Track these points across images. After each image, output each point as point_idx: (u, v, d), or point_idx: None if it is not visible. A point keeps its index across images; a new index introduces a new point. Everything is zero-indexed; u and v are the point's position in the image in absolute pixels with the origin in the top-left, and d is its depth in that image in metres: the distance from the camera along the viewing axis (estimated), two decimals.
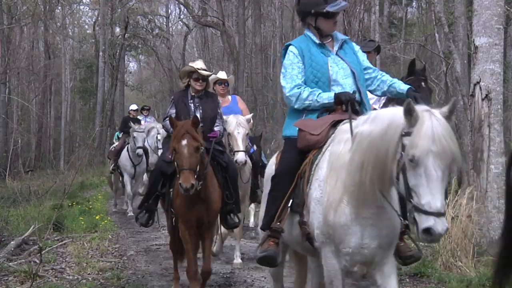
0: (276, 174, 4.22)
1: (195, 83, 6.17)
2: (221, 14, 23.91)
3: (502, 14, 7.83)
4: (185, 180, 5.03)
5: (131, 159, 12.88)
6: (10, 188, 13.49)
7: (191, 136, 5.19)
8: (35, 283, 6.09)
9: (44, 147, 33.83)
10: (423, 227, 3.04)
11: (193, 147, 5.17)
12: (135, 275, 7.04)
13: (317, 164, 3.85)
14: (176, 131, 5.25)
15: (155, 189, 6.00)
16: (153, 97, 47.16)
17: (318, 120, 4.13)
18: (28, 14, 28.86)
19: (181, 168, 5.13)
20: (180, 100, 6.19)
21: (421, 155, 3.05)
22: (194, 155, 5.16)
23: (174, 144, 5.21)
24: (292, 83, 4.25)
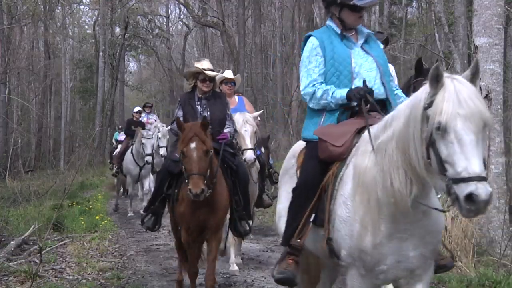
0: (298, 185, 3.89)
1: (201, 84, 5.91)
2: (221, 14, 23.93)
3: (502, 14, 7.82)
4: (194, 186, 4.79)
5: (135, 161, 12.59)
6: (10, 188, 13.49)
7: (200, 139, 4.94)
8: (35, 283, 6.09)
9: (44, 147, 33.85)
10: (464, 194, 2.70)
11: (203, 151, 4.92)
12: (135, 275, 7.04)
13: (341, 177, 3.54)
14: (184, 134, 4.99)
15: (161, 191, 5.72)
16: (153, 97, 47.13)
17: (340, 127, 3.79)
18: (28, 14, 28.88)
19: (190, 172, 4.88)
20: (187, 102, 5.93)
21: (448, 119, 2.77)
22: (204, 159, 4.91)
23: (182, 147, 4.96)
24: (308, 78, 3.94)
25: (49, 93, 35.48)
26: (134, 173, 12.66)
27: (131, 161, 12.64)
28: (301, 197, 3.78)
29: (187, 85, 6.15)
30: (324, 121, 3.94)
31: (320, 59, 3.93)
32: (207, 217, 5.27)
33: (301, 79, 4.00)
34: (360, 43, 4.00)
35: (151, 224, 5.83)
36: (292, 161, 4.25)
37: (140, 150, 12.36)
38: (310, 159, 3.87)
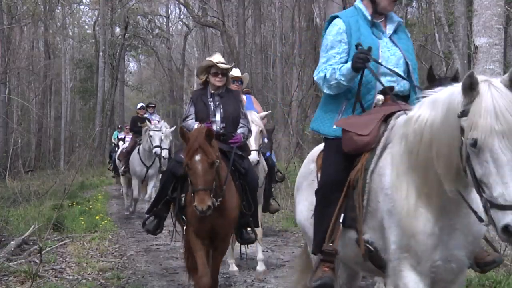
0: (321, 186, 3.58)
1: (214, 78, 5.58)
2: (221, 14, 23.91)
3: (502, 14, 7.82)
4: (200, 202, 4.58)
5: (142, 161, 12.05)
6: (10, 188, 13.48)
7: (205, 151, 4.70)
8: (35, 283, 6.09)
9: (44, 147, 33.86)
10: (500, 226, 2.50)
11: (208, 163, 4.68)
12: (135, 275, 7.03)
13: (372, 170, 3.25)
14: (189, 146, 4.75)
15: (165, 193, 5.43)
16: (153, 97, 47.13)
17: (364, 116, 3.48)
18: (28, 14, 28.90)
19: (195, 187, 4.66)
20: (199, 99, 5.61)
21: (483, 136, 2.52)
22: (209, 172, 4.68)
23: (187, 160, 4.74)
24: (325, 63, 3.59)
25: (49, 93, 35.50)
26: (140, 174, 12.11)
27: (138, 161, 12.12)
28: (326, 197, 3.50)
29: (198, 82, 5.81)
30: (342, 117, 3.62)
31: (344, 46, 3.58)
32: (218, 223, 5.02)
33: (319, 64, 3.65)
34: (389, 33, 3.65)
35: (152, 227, 5.57)
36: (311, 166, 3.96)
37: (146, 145, 11.84)
38: (331, 155, 3.58)
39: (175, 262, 7.75)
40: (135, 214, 12.87)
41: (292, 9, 26.05)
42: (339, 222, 3.38)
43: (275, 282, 6.60)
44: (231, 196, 5.12)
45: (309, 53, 23.13)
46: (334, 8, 11.91)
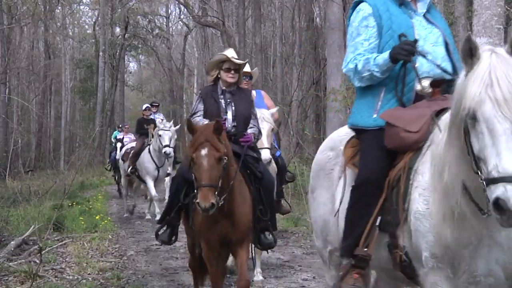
0: (360, 184, 3.23)
1: (226, 74, 5.26)
2: (221, 14, 23.90)
3: (502, 14, 7.83)
4: (203, 199, 4.22)
5: (154, 161, 11.69)
6: (10, 188, 13.48)
7: (212, 145, 4.37)
8: (35, 283, 6.09)
9: (44, 147, 33.86)
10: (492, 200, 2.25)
11: (215, 158, 4.34)
12: (135, 275, 7.03)
13: (415, 169, 2.95)
14: (195, 138, 4.44)
15: (177, 199, 5.09)
16: (153, 97, 47.11)
17: (412, 110, 3.13)
18: (28, 14, 28.90)
19: (199, 183, 4.32)
20: (209, 95, 5.28)
21: (476, 104, 2.32)
22: (216, 168, 4.34)
23: (192, 153, 4.40)
24: (353, 52, 3.31)
25: (49, 93, 35.50)
26: (153, 172, 11.72)
27: (149, 160, 11.74)
28: (365, 197, 3.15)
29: (209, 78, 5.47)
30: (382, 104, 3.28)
31: (371, 30, 3.29)
32: (229, 230, 4.70)
33: (346, 54, 3.38)
34: (422, 12, 3.34)
35: (166, 237, 5.20)
36: (330, 154, 3.60)
37: (156, 145, 11.52)
38: (371, 150, 3.22)
39: (175, 262, 7.75)
40: (135, 214, 12.87)
41: (292, 9, 26.04)
42: (376, 225, 3.08)
43: (275, 282, 6.60)
44: (243, 201, 4.79)
45: (309, 53, 23.13)
46: (334, 8, 11.90)
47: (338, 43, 11.66)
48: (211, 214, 4.39)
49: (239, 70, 5.35)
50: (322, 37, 19.19)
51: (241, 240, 4.81)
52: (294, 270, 7.15)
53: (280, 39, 28.28)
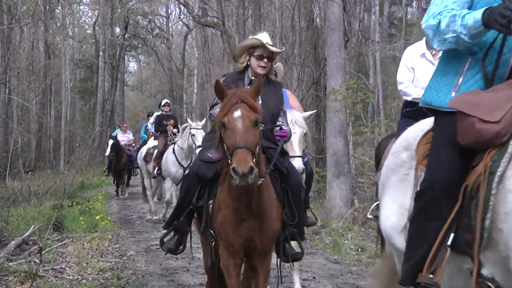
0: (425, 189, 2.56)
1: (257, 62, 4.53)
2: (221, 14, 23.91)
3: None
4: (240, 162, 3.43)
5: (179, 162, 10.95)
6: (10, 188, 13.48)
7: (248, 105, 3.70)
8: (35, 283, 6.09)
9: (44, 147, 33.84)
10: None
11: (250, 121, 3.65)
12: (135, 275, 7.03)
13: (502, 175, 2.30)
14: (226, 100, 3.76)
15: (188, 201, 4.36)
16: (153, 97, 47.15)
17: (495, 92, 2.45)
18: (28, 14, 28.88)
19: (233, 146, 3.56)
20: (234, 84, 4.42)
21: None
22: (252, 132, 3.63)
23: (222, 117, 3.70)
24: (438, 5, 2.62)
25: (49, 93, 35.47)
26: (177, 176, 10.82)
27: (173, 162, 10.98)
28: (432, 206, 2.51)
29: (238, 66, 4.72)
30: (465, 79, 2.62)
31: None
32: (256, 233, 3.98)
33: (429, 7, 2.71)
34: None
35: (173, 244, 4.46)
36: (403, 156, 2.96)
37: (186, 144, 10.76)
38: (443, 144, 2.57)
39: (175, 262, 7.74)
40: (135, 214, 12.87)
41: (292, 9, 26.02)
42: (446, 244, 2.45)
43: (275, 282, 6.59)
44: (271, 202, 4.05)
45: (309, 53, 23.11)
46: (334, 8, 11.90)
47: (338, 43, 11.65)
48: (238, 212, 3.86)
49: (272, 59, 4.63)
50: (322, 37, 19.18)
51: (265, 251, 4.09)
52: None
53: (280, 39, 28.26)
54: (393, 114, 17.52)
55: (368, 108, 18.25)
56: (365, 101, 12.78)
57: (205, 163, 4.32)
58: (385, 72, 22.52)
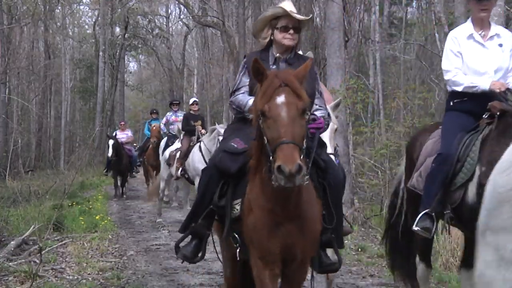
0: None
1: (282, 35, 3.88)
2: (221, 14, 23.92)
3: (502, 14, 7.83)
4: (287, 159, 2.89)
5: (206, 161, 10.13)
6: (10, 188, 13.48)
7: (293, 90, 3.09)
8: (35, 283, 6.09)
9: (44, 147, 33.84)
10: None
11: (297, 109, 3.06)
12: (135, 275, 7.03)
13: None
14: (267, 83, 3.15)
15: (208, 200, 3.72)
16: (153, 97, 47.20)
17: None
18: (28, 14, 28.88)
19: (277, 140, 2.98)
20: None
21: None
22: (299, 122, 3.05)
23: (263, 104, 3.10)
24: None
25: (49, 93, 35.47)
26: None
27: (200, 160, 10.39)
28: None
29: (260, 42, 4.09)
30: None
31: None
32: (296, 239, 3.36)
33: None
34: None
35: (190, 252, 3.81)
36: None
37: (212, 149, 10.13)
38: None
39: (175, 262, 7.73)
40: (135, 214, 12.86)
41: None
42: None
43: None
44: (311, 201, 3.44)
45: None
46: (334, 8, 11.89)
47: (338, 43, 11.65)
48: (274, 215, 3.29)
49: (299, 30, 3.95)
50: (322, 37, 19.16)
51: (304, 258, 3.48)
52: None
53: None
54: (393, 114, 17.52)
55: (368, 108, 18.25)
56: (365, 101, 12.77)
57: (228, 154, 3.66)
58: (385, 72, 22.53)
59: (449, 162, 4.40)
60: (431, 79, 20.47)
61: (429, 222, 4.43)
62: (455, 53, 4.79)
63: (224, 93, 28.78)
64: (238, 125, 4.01)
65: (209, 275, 6.84)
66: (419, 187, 4.73)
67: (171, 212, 13.27)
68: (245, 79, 4.00)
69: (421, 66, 22.44)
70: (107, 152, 16.71)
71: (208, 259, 7.70)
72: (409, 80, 22.96)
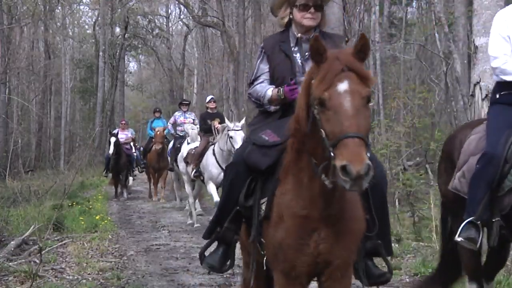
0: None
1: (301, 14, 3.49)
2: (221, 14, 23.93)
3: None
4: (355, 157, 2.42)
5: (219, 164, 10.05)
6: (10, 188, 13.48)
7: (358, 75, 2.64)
8: (35, 283, 6.09)
9: (44, 147, 33.84)
10: None
11: (361, 97, 2.60)
12: (135, 275, 7.03)
13: None
14: (328, 66, 2.68)
15: (234, 200, 3.28)
16: (153, 97, 47.18)
17: None
18: (28, 14, 28.90)
19: (340, 133, 2.51)
20: (276, 48, 3.53)
21: None
22: (363, 113, 2.59)
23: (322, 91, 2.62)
24: None
25: (49, 93, 35.47)
26: (219, 179, 9.82)
27: (214, 164, 10.10)
28: None
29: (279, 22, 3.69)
30: None
31: None
32: (331, 246, 2.89)
33: None
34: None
35: (217, 260, 3.38)
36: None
37: (225, 147, 9.87)
38: None
39: (175, 262, 7.75)
40: (135, 214, 12.86)
41: None
42: None
43: None
44: (354, 199, 2.99)
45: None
46: (334, 8, 11.87)
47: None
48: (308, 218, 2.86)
49: (321, 7, 3.56)
50: None
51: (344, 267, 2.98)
52: None
53: None
54: (393, 114, 17.53)
55: None
56: None
57: (258, 147, 3.21)
58: (385, 72, 22.51)
59: (495, 163, 3.87)
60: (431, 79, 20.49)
61: (474, 232, 3.90)
62: (504, 37, 4.16)
63: (224, 93, 28.77)
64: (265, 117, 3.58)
65: (209, 275, 6.82)
66: (463, 190, 4.15)
67: (171, 212, 13.28)
68: (263, 66, 3.62)
69: (421, 66, 22.45)
70: (108, 149, 16.41)
71: None
72: (409, 80, 22.96)
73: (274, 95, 3.49)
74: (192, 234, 9.89)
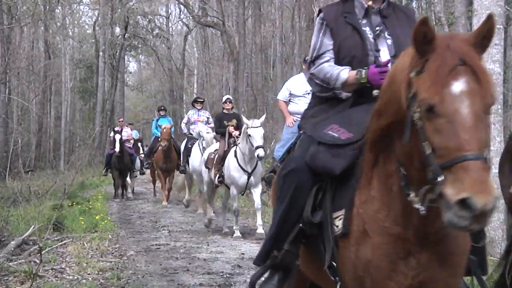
0: None
1: None
2: (221, 14, 23.94)
3: (502, 14, 7.84)
4: (479, 189, 1.84)
5: (241, 167, 9.50)
6: (10, 188, 13.48)
7: (474, 72, 1.99)
8: (35, 283, 6.08)
9: (44, 147, 33.86)
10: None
11: (483, 104, 1.98)
12: (135, 275, 7.02)
13: None
14: (439, 59, 2.02)
15: (295, 216, 2.66)
16: (153, 97, 47.21)
17: None
18: (28, 14, 28.91)
19: (456, 154, 1.91)
20: (341, 21, 2.88)
21: None
22: (483, 124, 1.98)
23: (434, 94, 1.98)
24: None
25: (49, 93, 35.50)
26: (241, 183, 9.51)
27: (236, 167, 9.56)
28: None
29: None
30: None
31: None
32: (430, 272, 2.28)
33: None
34: None
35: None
36: None
37: (246, 148, 9.33)
38: None
39: (175, 262, 7.74)
40: (135, 214, 12.86)
41: (292, 9, 26.04)
42: None
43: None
44: None
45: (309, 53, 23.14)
46: None
47: None
48: (401, 238, 2.26)
49: None
50: None
51: None
52: None
53: (280, 39, 28.28)
54: None
55: None
56: None
57: (327, 147, 2.56)
58: None
59: None
60: None
61: None
62: None
63: (224, 93, 28.78)
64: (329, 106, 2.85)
65: (209, 275, 6.84)
66: None
67: (171, 212, 13.28)
68: (327, 41, 2.90)
69: None
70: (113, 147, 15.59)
71: (208, 259, 7.72)
72: None
73: (351, 77, 2.77)
74: (192, 234, 9.89)
